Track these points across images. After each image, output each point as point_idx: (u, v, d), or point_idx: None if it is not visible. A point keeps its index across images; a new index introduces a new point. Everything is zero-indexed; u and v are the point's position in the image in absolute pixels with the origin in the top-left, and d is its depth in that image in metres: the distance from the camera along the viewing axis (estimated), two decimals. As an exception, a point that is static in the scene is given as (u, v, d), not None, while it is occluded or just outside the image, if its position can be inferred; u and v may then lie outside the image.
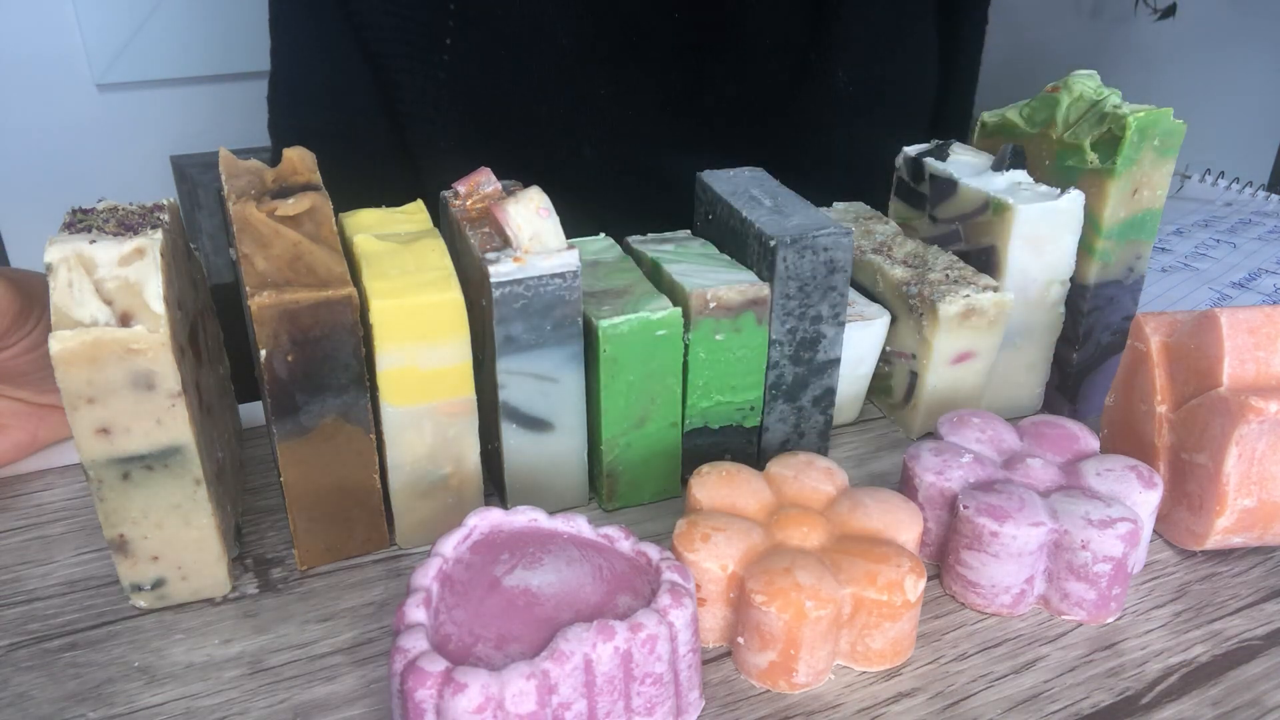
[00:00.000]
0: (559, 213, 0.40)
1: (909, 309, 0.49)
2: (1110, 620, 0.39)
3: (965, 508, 0.38)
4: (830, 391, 0.47)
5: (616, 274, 0.45)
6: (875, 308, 0.50)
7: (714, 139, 0.71)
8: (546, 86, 0.67)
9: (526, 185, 0.40)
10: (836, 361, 0.47)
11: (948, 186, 0.51)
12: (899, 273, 0.50)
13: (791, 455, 0.42)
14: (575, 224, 0.41)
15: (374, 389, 0.38)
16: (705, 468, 0.41)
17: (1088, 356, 0.52)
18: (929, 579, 0.41)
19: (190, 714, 0.35)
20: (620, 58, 0.67)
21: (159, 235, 0.35)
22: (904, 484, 0.43)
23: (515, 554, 0.34)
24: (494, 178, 0.43)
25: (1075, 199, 0.47)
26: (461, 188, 0.43)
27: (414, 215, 0.44)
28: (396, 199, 0.45)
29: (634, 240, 0.49)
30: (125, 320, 0.34)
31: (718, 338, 0.43)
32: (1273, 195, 0.86)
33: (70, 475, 0.47)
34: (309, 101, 0.70)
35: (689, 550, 0.36)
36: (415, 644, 0.30)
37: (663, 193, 0.68)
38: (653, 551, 0.35)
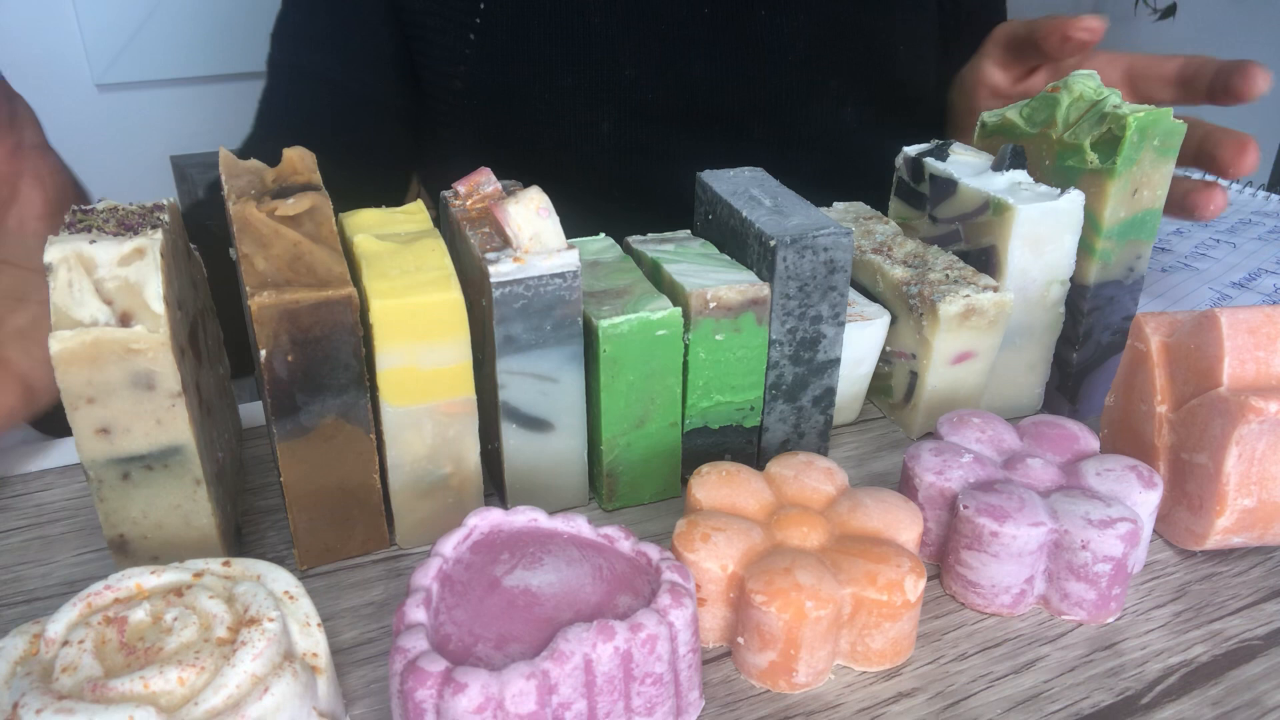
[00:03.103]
0: (565, 188, 0.40)
1: (909, 309, 0.49)
2: (1110, 620, 0.39)
3: (965, 508, 0.38)
4: (830, 391, 0.47)
5: (616, 274, 0.45)
6: (875, 308, 0.50)
7: (729, 134, 0.72)
8: (573, 61, 0.68)
9: (537, 160, 0.40)
10: (836, 361, 0.47)
11: (948, 186, 0.51)
12: (899, 273, 0.50)
13: (791, 455, 0.42)
14: (581, 202, 0.42)
15: (374, 389, 0.38)
16: (705, 468, 0.41)
17: (1088, 356, 0.52)
18: (929, 579, 0.41)
19: (190, 714, 0.35)
20: (649, 43, 0.69)
21: (159, 235, 0.35)
22: (904, 484, 0.43)
23: (515, 554, 0.34)
24: (494, 178, 0.43)
25: (1075, 199, 0.47)
26: (461, 188, 0.43)
27: (414, 215, 0.44)
28: (360, 151, 0.46)
29: (634, 240, 0.49)
30: (125, 320, 0.34)
31: (718, 338, 0.43)
32: (1273, 195, 0.86)
33: (70, 475, 0.47)
34: (317, 42, 0.71)
35: (689, 550, 0.36)
36: (415, 644, 0.30)
37: (670, 177, 0.69)
38: (653, 551, 0.35)
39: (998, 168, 0.50)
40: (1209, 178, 0.54)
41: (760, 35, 0.71)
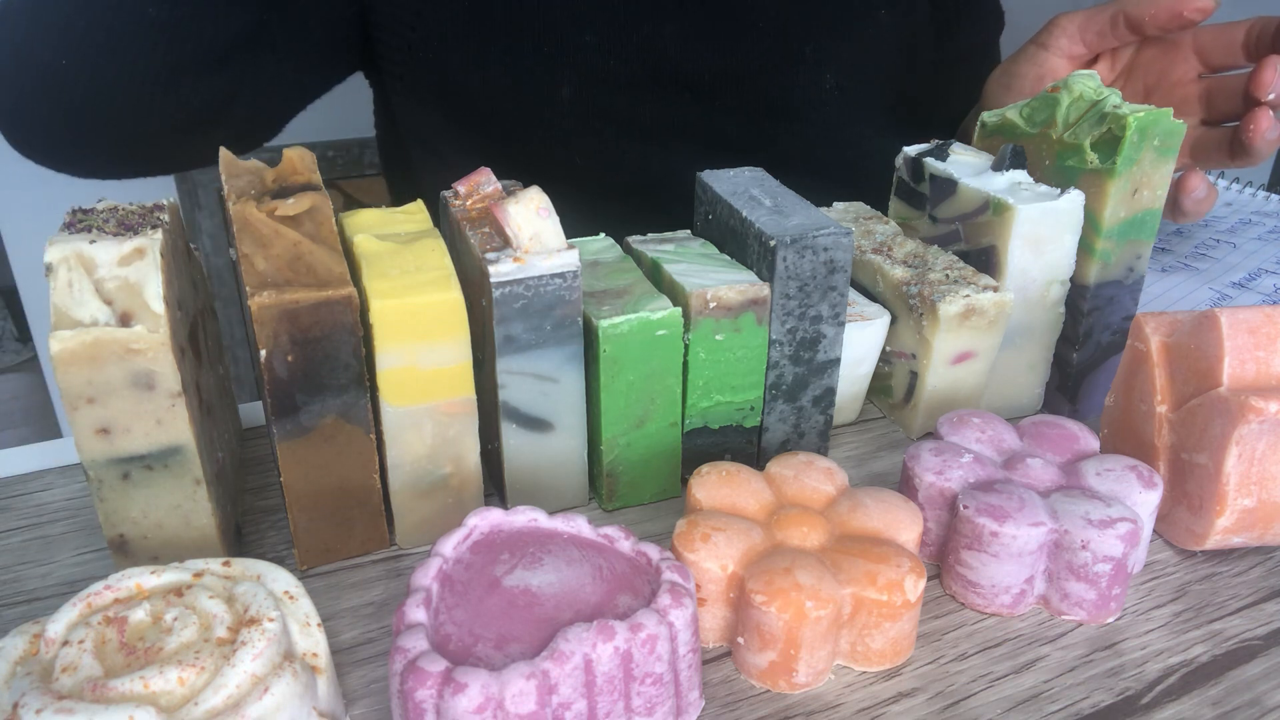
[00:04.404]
0: (524, 157, 0.39)
1: (909, 309, 0.49)
2: (1110, 620, 0.39)
3: (965, 508, 0.38)
4: (830, 391, 0.47)
5: (616, 274, 0.45)
6: (875, 308, 0.50)
7: (698, 105, 0.71)
8: (529, 24, 0.67)
9: (494, 127, 0.39)
10: (836, 361, 0.47)
11: (948, 186, 0.51)
12: (899, 273, 0.50)
13: (791, 455, 0.42)
14: (543, 172, 0.41)
15: (374, 389, 0.38)
16: (705, 468, 0.41)
17: (1088, 356, 0.52)
18: (929, 579, 0.41)
19: (190, 714, 0.35)
20: (610, 6, 0.67)
21: (159, 235, 0.35)
22: (904, 484, 0.43)
23: (515, 554, 0.34)
24: (494, 178, 0.43)
25: (1075, 199, 0.47)
26: (461, 188, 0.43)
27: (414, 215, 0.44)
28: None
29: (634, 240, 0.49)
30: (125, 320, 0.34)
31: (718, 338, 0.43)
32: (1273, 195, 0.86)
33: (70, 475, 0.47)
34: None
35: (689, 550, 0.36)
36: (415, 644, 0.30)
37: (638, 146, 0.67)
38: (653, 551, 0.35)
39: (998, 168, 0.50)
40: (1208, 175, 0.55)
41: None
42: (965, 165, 0.52)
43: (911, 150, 0.55)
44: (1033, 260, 0.49)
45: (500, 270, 0.38)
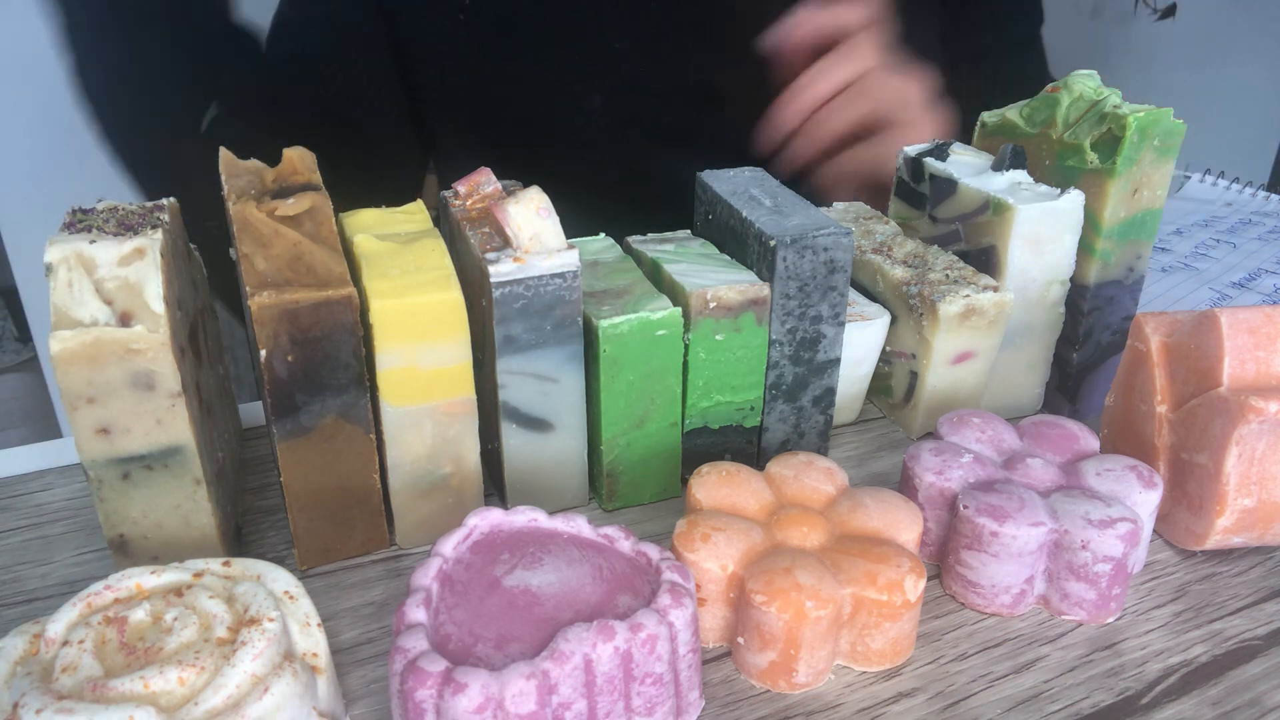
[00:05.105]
0: (559, 165, 0.40)
1: (909, 309, 0.49)
2: (1110, 620, 0.39)
3: (965, 508, 0.38)
4: (830, 391, 0.47)
5: (616, 274, 0.45)
6: (875, 308, 0.50)
7: (723, 110, 0.71)
8: (561, 36, 0.68)
9: (529, 136, 0.39)
10: (836, 361, 0.47)
11: (948, 186, 0.51)
12: (899, 273, 0.50)
13: (791, 455, 0.42)
14: (574, 178, 0.42)
15: (374, 389, 0.38)
16: (705, 468, 0.41)
17: (1088, 356, 0.52)
18: (929, 579, 0.41)
19: (190, 714, 0.35)
20: (639, 15, 0.68)
21: (159, 235, 0.35)
22: (904, 484, 0.43)
23: (515, 554, 0.34)
24: (494, 178, 0.43)
25: (1075, 199, 0.47)
26: (461, 188, 0.43)
27: (414, 215, 0.44)
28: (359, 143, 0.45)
29: (634, 240, 0.49)
30: (125, 320, 0.34)
31: (718, 338, 0.43)
32: (1273, 195, 0.86)
33: (70, 475, 0.47)
34: (310, 34, 0.71)
35: (689, 550, 0.36)
36: (415, 644, 0.30)
37: (663, 153, 0.68)
38: (653, 551, 0.35)
39: (998, 168, 0.50)
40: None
41: (759, 9, 0.69)
42: (965, 165, 0.52)
43: (911, 150, 0.55)
44: (1033, 260, 0.49)
45: (500, 270, 0.38)
